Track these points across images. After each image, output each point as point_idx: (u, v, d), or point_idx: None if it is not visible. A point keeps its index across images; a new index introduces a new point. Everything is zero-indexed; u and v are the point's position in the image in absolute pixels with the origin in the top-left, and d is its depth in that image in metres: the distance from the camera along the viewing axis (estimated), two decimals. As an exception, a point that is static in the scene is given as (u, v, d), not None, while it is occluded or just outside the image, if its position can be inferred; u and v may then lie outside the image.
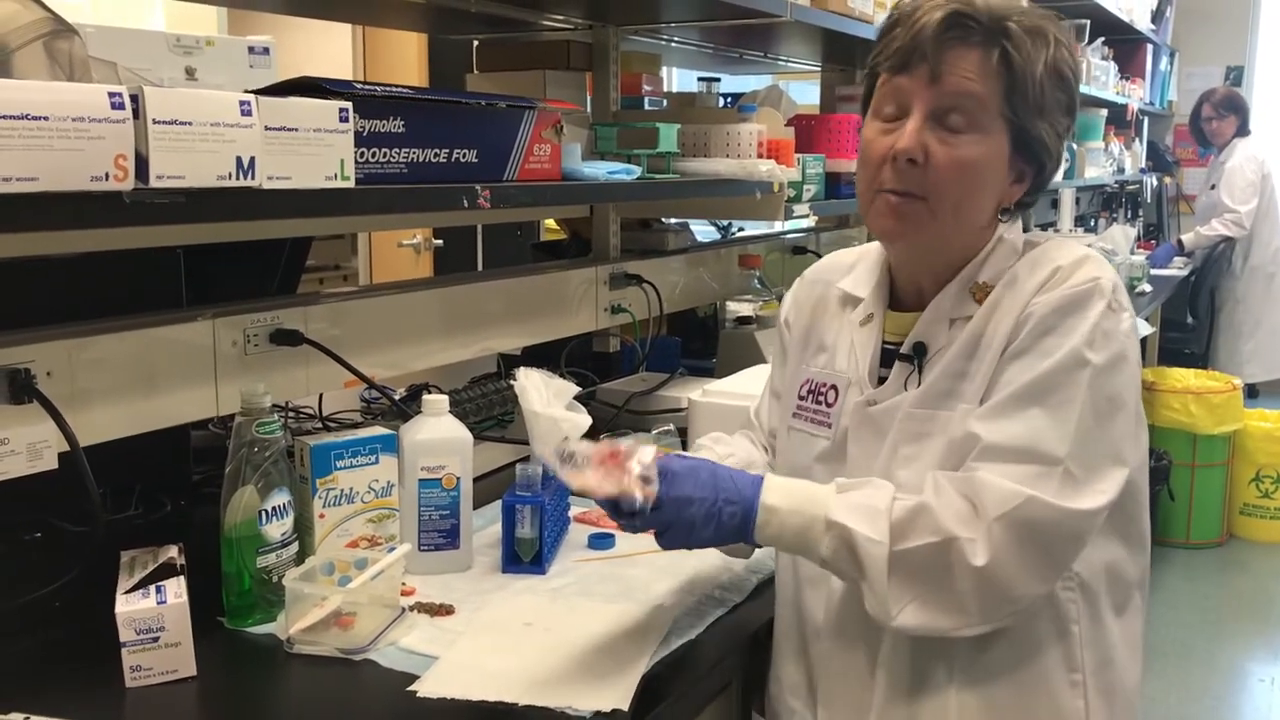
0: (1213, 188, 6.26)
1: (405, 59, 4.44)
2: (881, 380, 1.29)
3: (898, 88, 1.20)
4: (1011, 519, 1.12)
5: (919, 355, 1.25)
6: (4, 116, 0.97)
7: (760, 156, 2.20)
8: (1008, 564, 1.12)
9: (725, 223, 3.67)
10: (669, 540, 1.21)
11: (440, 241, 4.58)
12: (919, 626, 1.16)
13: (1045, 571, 1.15)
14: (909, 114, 1.19)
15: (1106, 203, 6.68)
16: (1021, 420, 1.15)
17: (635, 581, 1.51)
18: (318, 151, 1.28)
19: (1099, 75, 5.25)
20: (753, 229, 3.72)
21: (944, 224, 1.22)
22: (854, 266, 1.38)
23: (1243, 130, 6.22)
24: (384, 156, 1.41)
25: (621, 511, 1.17)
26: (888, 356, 1.29)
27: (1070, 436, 1.13)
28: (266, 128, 1.21)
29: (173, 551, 1.34)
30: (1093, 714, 1.24)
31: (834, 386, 1.32)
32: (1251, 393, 6.16)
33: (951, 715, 1.22)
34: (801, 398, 1.36)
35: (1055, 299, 1.17)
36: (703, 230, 3.54)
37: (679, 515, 1.17)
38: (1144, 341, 4.87)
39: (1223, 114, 6.19)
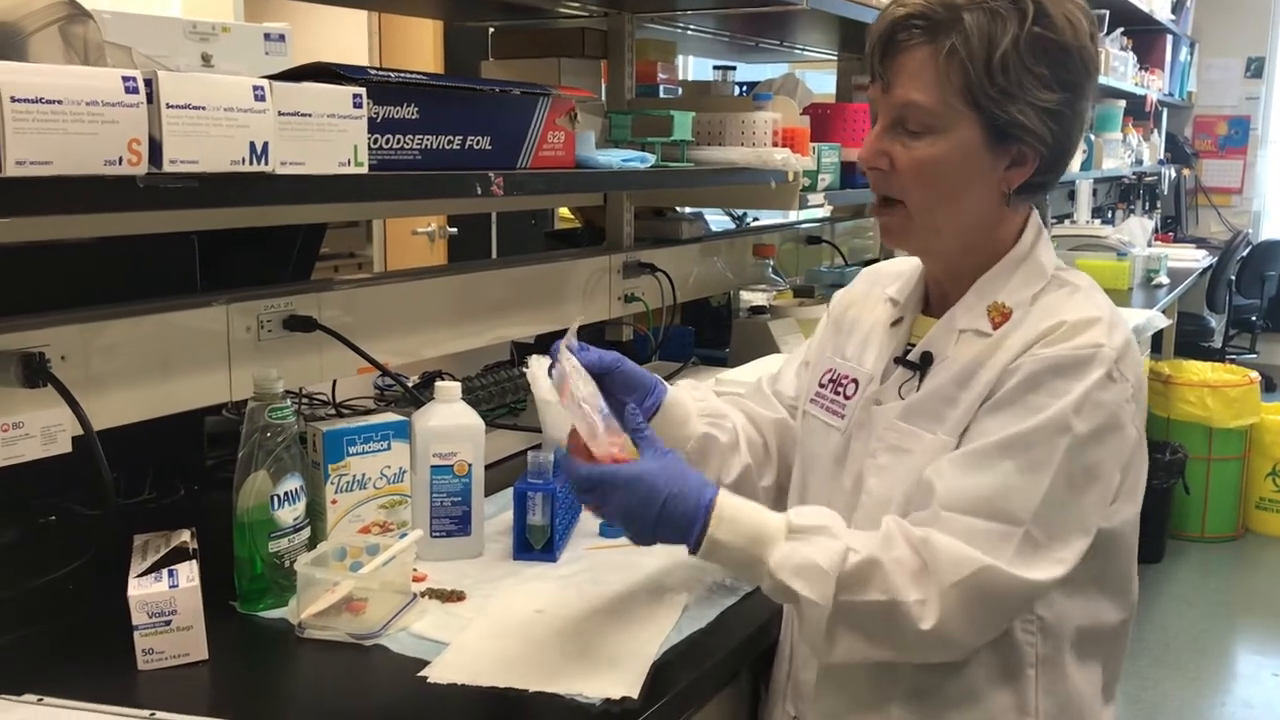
0: None
1: (421, 46, 4.44)
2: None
3: (872, 99, 1.24)
4: (965, 586, 1.10)
5: (924, 364, 1.24)
6: (19, 100, 0.97)
7: (775, 145, 2.19)
8: (954, 627, 1.11)
9: (740, 212, 3.66)
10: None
11: (454, 230, 4.58)
12: (851, 659, 1.17)
13: (989, 630, 1.16)
14: None
15: (1124, 194, 6.63)
16: (991, 474, 1.12)
17: (646, 569, 1.51)
18: (331, 137, 1.28)
19: (1118, 66, 5.21)
20: (767, 218, 3.71)
21: (926, 224, 1.22)
22: (903, 273, 1.38)
23: None
24: (398, 143, 1.41)
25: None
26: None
27: (1038, 500, 1.11)
28: (280, 113, 1.21)
29: (185, 536, 1.35)
30: None
31: (854, 380, 1.32)
32: (1269, 386, 6.12)
33: None
34: (822, 385, 1.37)
35: (1050, 357, 1.13)
36: (717, 220, 3.54)
37: (619, 520, 1.18)
38: (1160, 334, 4.85)
39: None
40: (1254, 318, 6.88)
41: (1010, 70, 1.13)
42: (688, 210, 2.88)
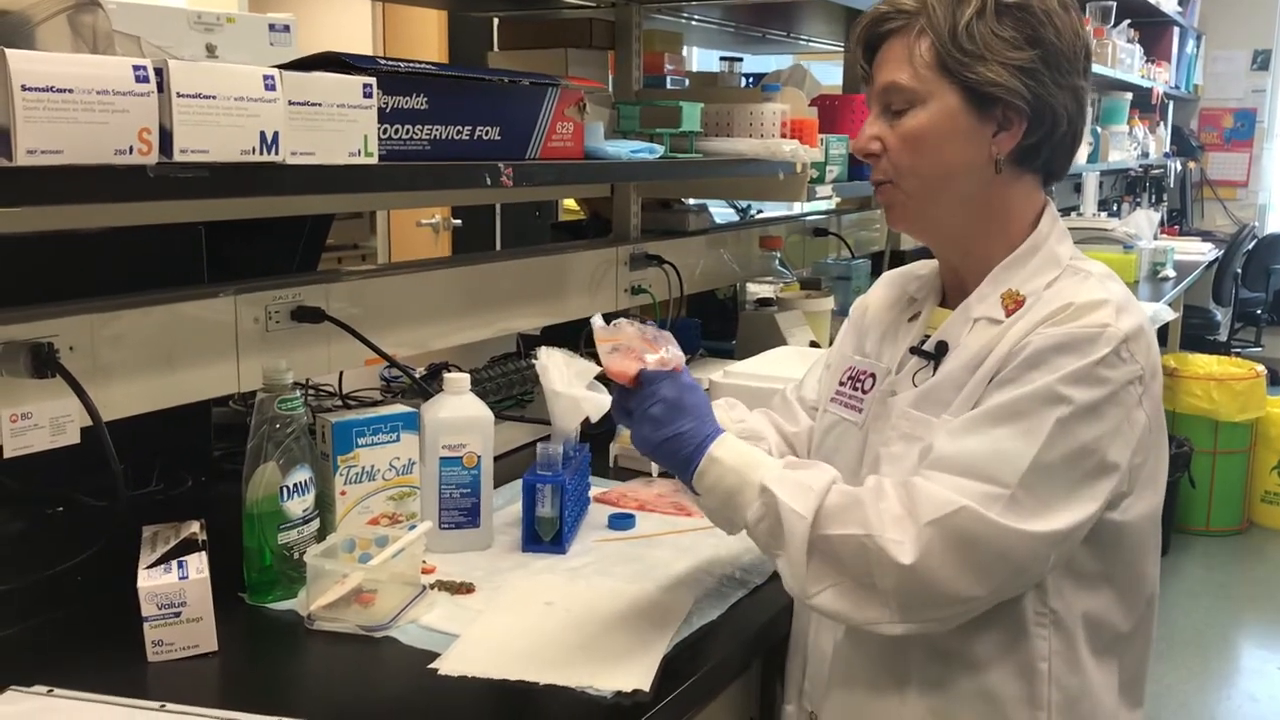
0: None
1: (425, 36, 4.43)
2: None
3: (867, 99, 1.30)
4: (944, 525, 1.10)
5: (939, 354, 1.25)
6: (29, 89, 0.97)
7: (783, 137, 2.18)
8: (933, 567, 1.10)
9: (744, 205, 3.65)
10: (634, 430, 1.26)
11: (459, 221, 4.57)
12: (836, 613, 1.16)
13: (972, 581, 1.12)
14: None
15: (1130, 187, 6.62)
16: (981, 438, 1.13)
17: (655, 562, 1.51)
18: (341, 127, 1.27)
19: (1124, 58, 5.19)
20: (772, 210, 3.70)
21: (923, 198, 1.24)
22: (922, 275, 1.39)
23: None
24: (407, 133, 1.40)
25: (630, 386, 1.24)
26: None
27: (1025, 467, 1.10)
28: (290, 103, 1.20)
29: (194, 527, 1.34)
30: None
31: (872, 374, 1.33)
32: (1275, 379, 6.12)
33: None
34: (841, 383, 1.37)
35: (1055, 335, 1.14)
36: (721, 213, 3.53)
37: (646, 415, 1.22)
38: (1166, 328, 4.84)
39: None
40: (1260, 311, 6.87)
41: (976, 36, 1.18)
42: (692, 203, 2.87)
